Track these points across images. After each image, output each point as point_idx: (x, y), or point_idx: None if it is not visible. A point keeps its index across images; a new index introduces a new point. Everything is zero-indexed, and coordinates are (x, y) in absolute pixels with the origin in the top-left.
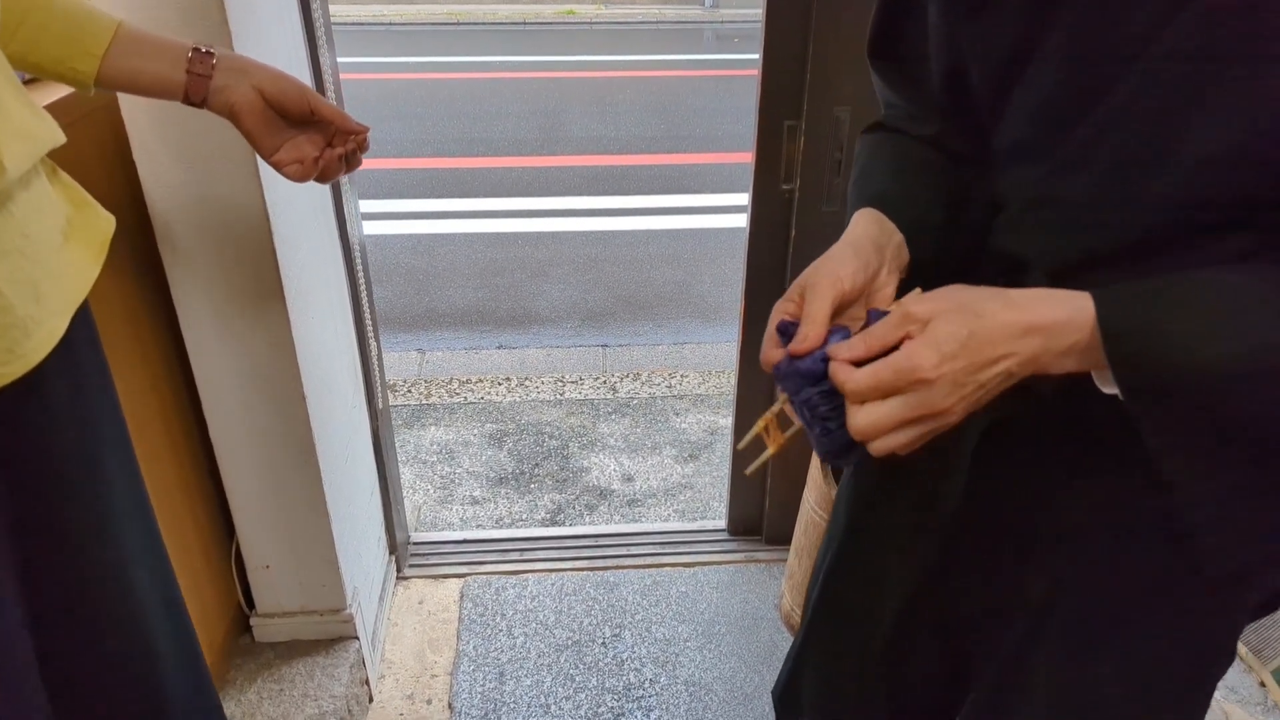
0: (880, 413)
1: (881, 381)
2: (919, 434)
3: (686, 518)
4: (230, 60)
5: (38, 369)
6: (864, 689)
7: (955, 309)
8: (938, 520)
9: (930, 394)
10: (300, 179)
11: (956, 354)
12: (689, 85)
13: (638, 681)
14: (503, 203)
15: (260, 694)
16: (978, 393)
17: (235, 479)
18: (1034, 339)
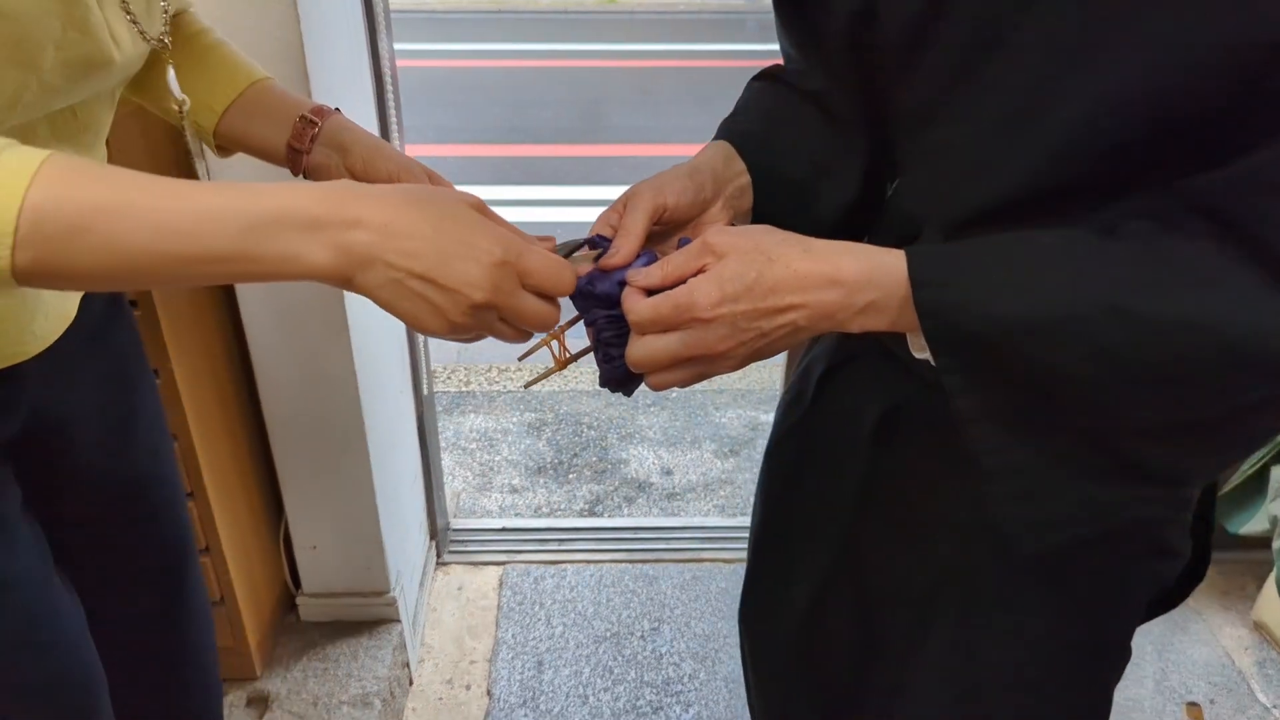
0: (656, 346)
1: (661, 315)
2: (693, 374)
3: (726, 514)
4: (334, 134)
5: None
6: (785, 679)
7: (751, 249)
8: (843, 504)
9: (705, 334)
10: None
11: (738, 296)
12: (731, 75)
13: (676, 676)
14: (543, 191)
15: (306, 672)
16: (759, 341)
17: (286, 460)
18: (830, 292)
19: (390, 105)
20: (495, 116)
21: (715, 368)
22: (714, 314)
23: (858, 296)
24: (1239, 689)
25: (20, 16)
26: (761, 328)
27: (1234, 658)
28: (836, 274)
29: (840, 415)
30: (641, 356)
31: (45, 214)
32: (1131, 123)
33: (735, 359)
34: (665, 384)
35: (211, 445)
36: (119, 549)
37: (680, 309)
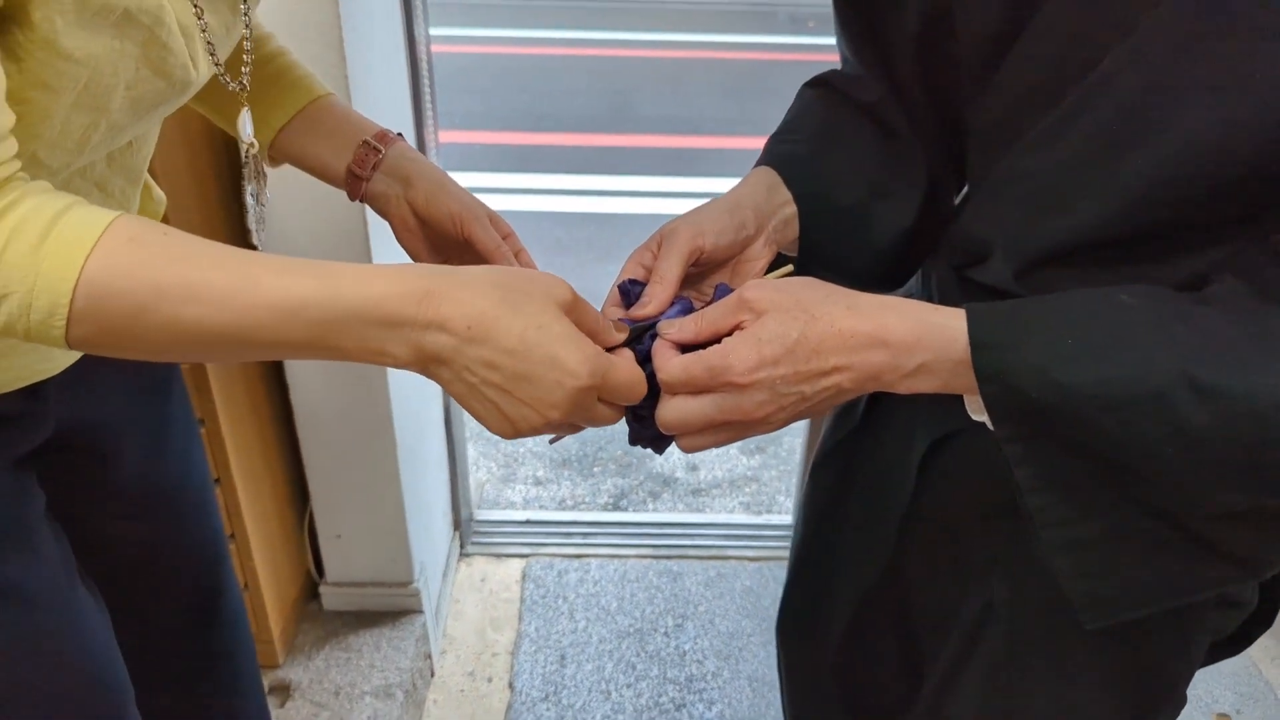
0: (688, 409)
1: (693, 377)
2: (729, 437)
3: (752, 511)
4: (397, 163)
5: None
6: (822, 698)
7: (791, 306)
8: (887, 529)
9: (741, 399)
10: None
11: (778, 359)
12: (762, 68)
13: (700, 674)
14: (570, 180)
15: (329, 661)
16: (800, 405)
17: (313, 448)
18: (876, 353)
19: (425, 91)
20: (523, 104)
21: (751, 431)
22: (751, 379)
23: (906, 359)
24: (1266, 699)
25: (93, 61)
26: (803, 391)
27: (1262, 668)
28: (883, 334)
29: (889, 438)
30: (673, 419)
31: (104, 290)
32: (1227, 167)
33: (774, 424)
34: (697, 447)
35: (239, 432)
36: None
37: (714, 372)
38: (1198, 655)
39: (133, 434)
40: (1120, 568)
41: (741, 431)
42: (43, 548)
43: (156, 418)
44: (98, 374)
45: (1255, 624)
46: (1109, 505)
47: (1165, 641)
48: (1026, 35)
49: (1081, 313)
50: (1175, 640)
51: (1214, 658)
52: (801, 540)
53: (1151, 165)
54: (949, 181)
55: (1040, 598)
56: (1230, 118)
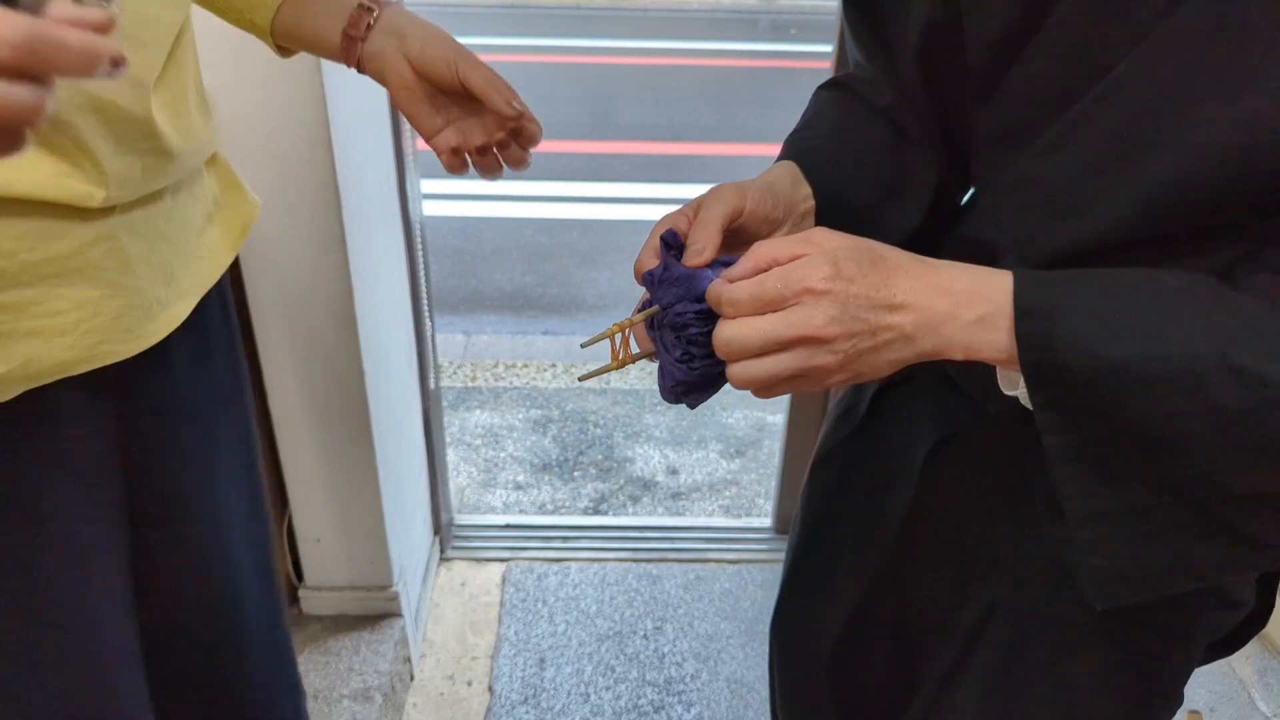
0: (754, 326)
1: (765, 290)
2: (789, 367)
3: (731, 514)
4: (392, 21)
5: (165, 345)
6: (816, 698)
7: (859, 243)
8: (886, 530)
9: (814, 311)
10: (451, 170)
11: (853, 276)
12: (743, 75)
13: (679, 676)
14: (552, 187)
15: (307, 665)
16: (866, 341)
17: (291, 451)
18: (940, 299)
19: None
20: None
21: (815, 361)
22: (828, 286)
23: (967, 309)
24: (1239, 697)
25: None
26: (870, 323)
27: (1234, 666)
28: (948, 282)
29: (892, 439)
30: (734, 336)
31: None
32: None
33: (838, 356)
34: (753, 378)
35: None
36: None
37: (789, 281)
38: (1195, 655)
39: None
40: (1139, 544)
41: (806, 359)
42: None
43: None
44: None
45: (1250, 625)
46: (1135, 480)
47: (1165, 642)
48: (1035, 42)
49: (1126, 289)
50: (1175, 641)
51: (1208, 658)
52: (799, 540)
53: (1164, 171)
54: (954, 185)
55: (1043, 599)
56: (1243, 123)
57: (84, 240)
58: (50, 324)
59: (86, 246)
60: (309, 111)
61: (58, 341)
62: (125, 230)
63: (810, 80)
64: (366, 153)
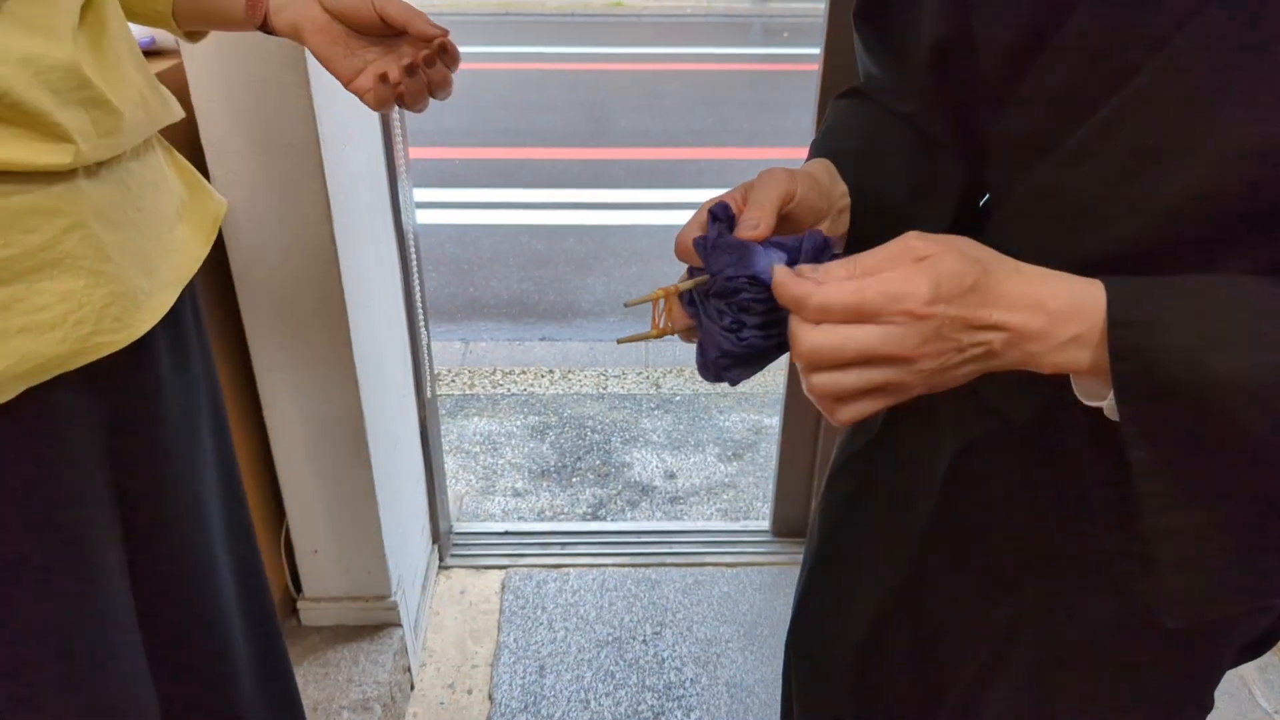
0: (847, 336)
1: (865, 301)
2: (871, 383)
3: (729, 517)
4: None
5: (148, 339)
6: (835, 708)
7: (961, 255)
8: (907, 540)
9: (908, 334)
10: (376, 106)
11: (953, 298)
12: (737, 79)
13: (678, 681)
14: (548, 194)
15: (306, 677)
16: (953, 358)
17: (287, 463)
18: (1036, 318)
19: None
20: (501, 119)
21: (898, 378)
22: (927, 311)
23: (1061, 329)
24: (1240, 694)
25: None
26: (961, 342)
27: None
28: (1044, 300)
29: (911, 448)
30: (825, 343)
31: None
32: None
33: (923, 374)
34: (837, 389)
35: None
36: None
37: (891, 298)
38: (1228, 658)
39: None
40: (1222, 561)
41: (891, 376)
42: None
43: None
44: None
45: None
46: (1223, 496)
47: (1198, 647)
48: (1051, 49)
49: (1220, 296)
50: (1208, 645)
51: (1238, 660)
52: (818, 550)
53: (1192, 178)
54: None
55: (1072, 607)
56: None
57: (56, 230)
58: (39, 319)
59: (60, 236)
60: (297, 124)
61: (50, 336)
62: (95, 218)
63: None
64: (358, 164)
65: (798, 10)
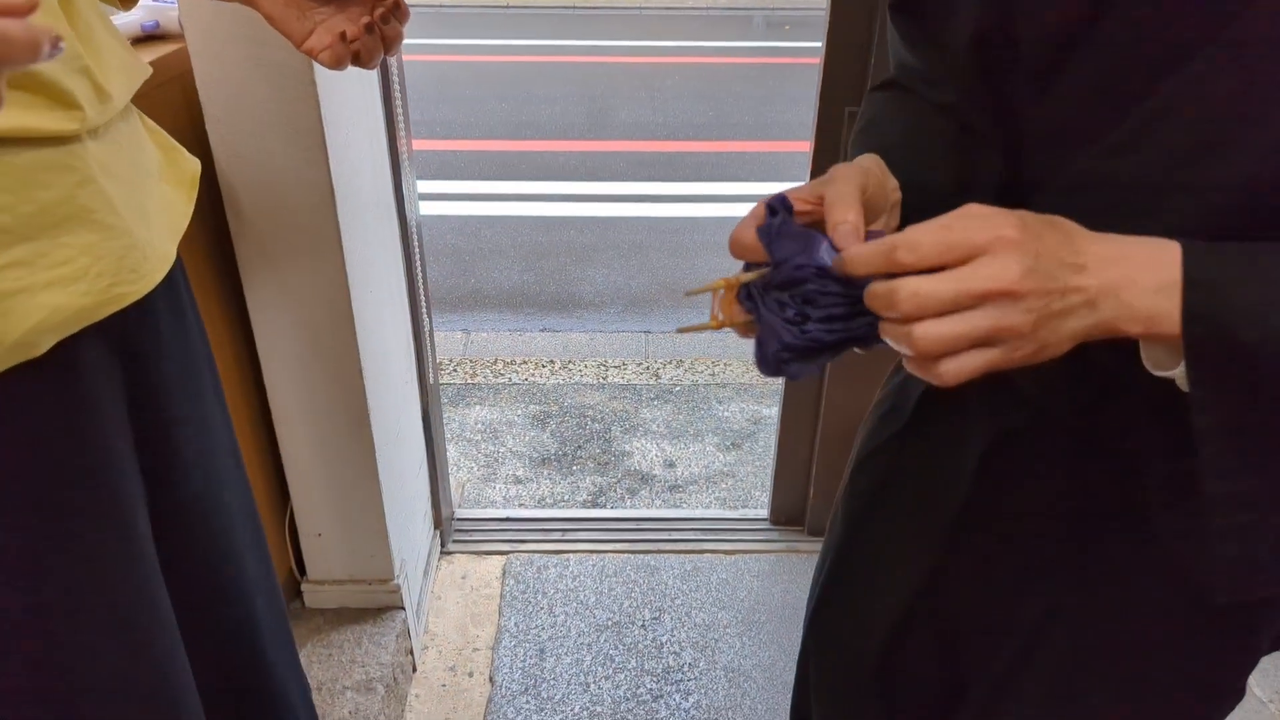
0: (945, 276)
1: (953, 233)
2: (978, 328)
3: (728, 506)
4: None
5: (149, 298)
6: (859, 700)
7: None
8: (935, 532)
9: (1009, 261)
10: (334, 64)
11: (1041, 234)
12: (738, 72)
13: (677, 665)
14: (549, 186)
15: (309, 658)
16: (1055, 302)
17: (292, 447)
18: (1121, 265)
19: (397, 100)
20: (502, 112)
21: (1007, 321)
22: (1019, 235)
23: (1148, 276)
24: None
25: None
26: (1061, 281)
27: None
28: (1126, 249)
29: (941, 440)
30: (923, 285)
31: None
32: None
33: (1031, 316)
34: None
35: None
36: None
37: (981, 228)
38: (1263, 646)
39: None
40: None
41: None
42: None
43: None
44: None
45: None
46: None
47: (1235, 636)
48: (1097, 34)
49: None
50: (1244, 633)
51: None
52: (841, 541)
53: (1240, 170)
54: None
55: (1109, 600)
56: None
57: (70, 185)
58: (63, 272)
59: (74, 190)
60: (302, 112)
61: (75, 288)
62: (101, 171)
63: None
64: (360, 152)
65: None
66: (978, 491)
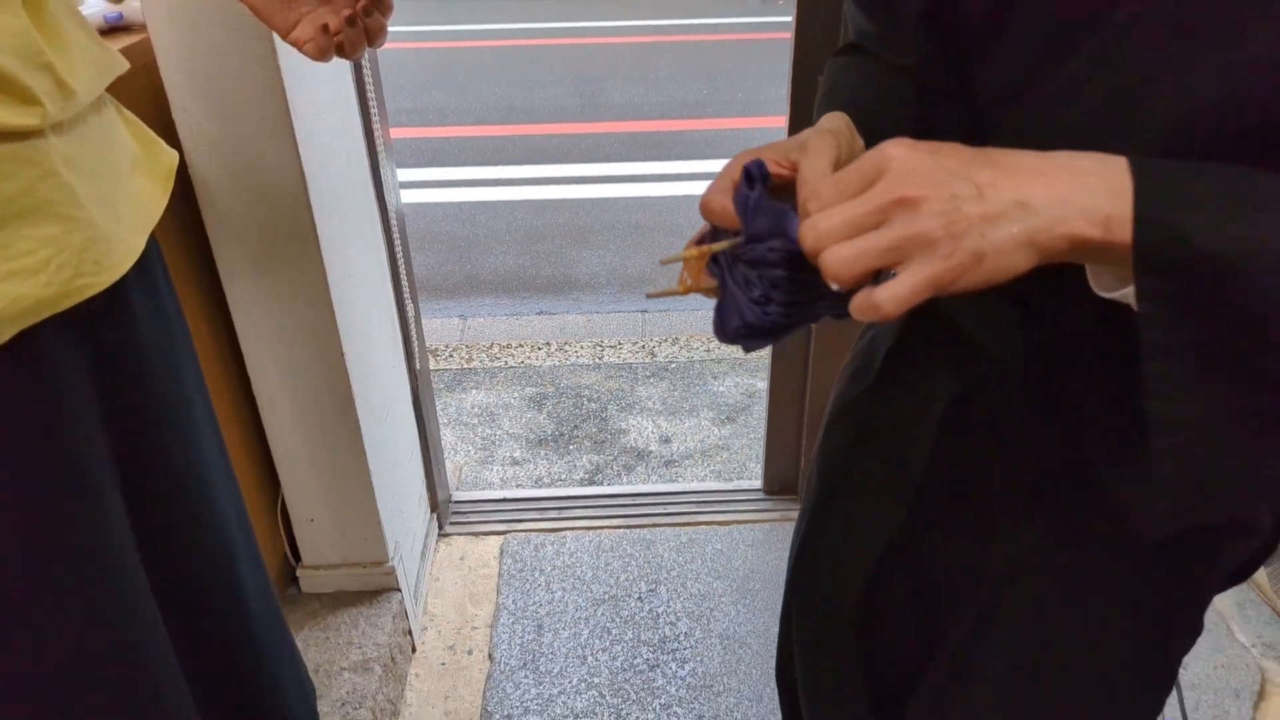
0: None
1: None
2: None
3: (723, 478)
4: None
5: (122, 285)
6: (838, 654)
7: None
8: (905, 486)
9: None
10: (317, 56)
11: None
12: (732, 49)
13: (673, 635)
14: (543, 170)
15: (306, 641)
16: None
17: (279, 434)
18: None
19: (370, 88)
20: (494, 96)
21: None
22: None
23: (1101, 180)
24: (1218, 629)
25: None
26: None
27: (1214, 600)
28: (1071, 159)
29: (907, 396)
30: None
31: None
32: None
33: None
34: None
35: None
36: None
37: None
38: (1216, 584)
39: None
40: (1217, 455)
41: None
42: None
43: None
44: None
45: (1262, 552)
46: (1232, 381)
47: (1190, 574)
48: None
49: (1239, 175)
50: (1199, 572)
51: (1225, 585)
52: (816, 497)
53: (1173, 113)
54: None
55: (1071, 543)
56: (1262, 59)
57: (31, 177)
58: (24, 264)
59: (35, 183)
60: (268, 99)
61: (35, 279)
62: (64, 165)
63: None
64: (332, 140)
65: None
66: (942, 446)
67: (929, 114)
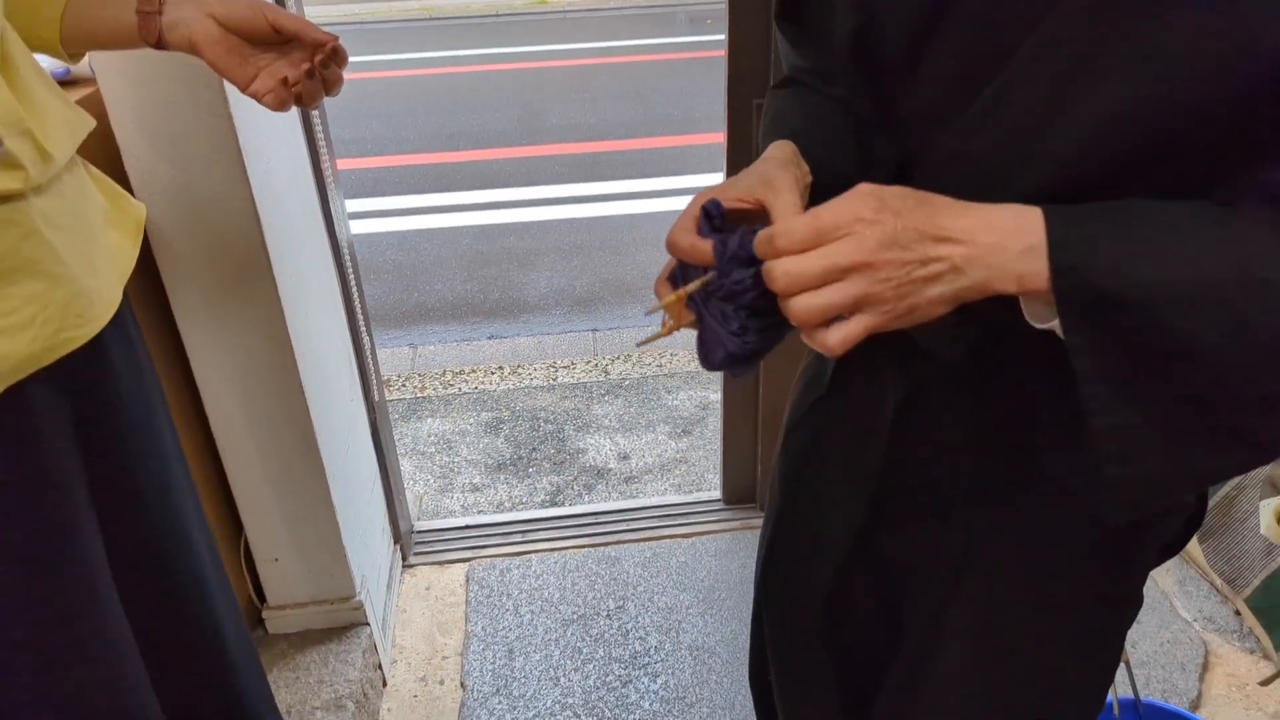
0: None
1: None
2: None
3: (683, 491)
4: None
5: (100, 339)
6: (808, 650)
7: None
8: (864, 486)
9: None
10: (277, 107)
11: (901, 211)
12: (664, 69)
13: (643, 649)
14: (486, 195)
15: (277, 683)
16: (917, 270)
17: (240, 474)
18: (988, 232)
19: (316, 123)
20: (433, 124)
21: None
22: (877, 216)
23: (1014, 241)
24: (1162, 606)
25: None
26: (920, 252)
27: (1157, 580)
28: (990, 218)
29: (859, 399)
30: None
31: None
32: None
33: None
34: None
35: None
36: None
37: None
38: (1151, 559)
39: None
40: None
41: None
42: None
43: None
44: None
45: (1190, 524)
46: (1154, 395)
47: (1128, 549)
48: (943, 30)
49: (1145, 216)
50: (1135, 546)
51: (1159, 559)
52: (779, 503)
53: (1067, 144)
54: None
55: (1018, 526)
56: (1146, 89)
57: (15, 237)
58: (11, 321)
59: (19, 243)
60: (220, 144)
61: (22, 336)
62: (45, 224)
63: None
64: (283, 177)
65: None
66: (896, 441)
67: (865, 142)
